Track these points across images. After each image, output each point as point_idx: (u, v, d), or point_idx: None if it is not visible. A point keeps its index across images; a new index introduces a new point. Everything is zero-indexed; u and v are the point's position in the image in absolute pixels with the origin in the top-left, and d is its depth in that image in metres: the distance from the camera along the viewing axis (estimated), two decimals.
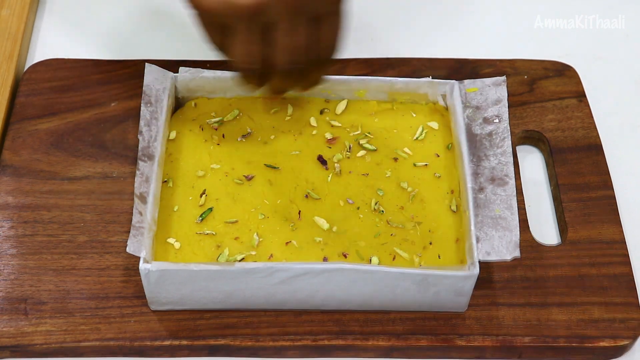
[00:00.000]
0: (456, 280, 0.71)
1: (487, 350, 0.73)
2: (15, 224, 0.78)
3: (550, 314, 0.74)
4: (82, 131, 0.83)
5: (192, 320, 0.73)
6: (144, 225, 0.71)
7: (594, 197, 0.81)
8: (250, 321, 0.73)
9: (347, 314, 0.74)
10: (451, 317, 0.74)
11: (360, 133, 0.81)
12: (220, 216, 0.75)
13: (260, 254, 0.73)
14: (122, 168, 0.81)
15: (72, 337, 0.72)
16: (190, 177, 0.77)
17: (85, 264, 0.76)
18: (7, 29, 0.90)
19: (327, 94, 0.82)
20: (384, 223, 0.75)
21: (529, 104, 0.87)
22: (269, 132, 0.81)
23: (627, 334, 0.73)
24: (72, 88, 0.86)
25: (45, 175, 0.80)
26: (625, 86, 0.93)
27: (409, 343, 0.73)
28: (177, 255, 0.73)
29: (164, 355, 0.73)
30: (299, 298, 0.72)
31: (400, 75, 0.88)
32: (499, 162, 0.76)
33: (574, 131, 0.86)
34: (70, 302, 0.74)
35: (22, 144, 0.82)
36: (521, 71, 0.90)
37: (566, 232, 0.79)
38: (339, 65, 0.89)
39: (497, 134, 0.78)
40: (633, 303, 0.75)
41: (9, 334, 0.72)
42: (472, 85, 0.81)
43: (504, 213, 0.74)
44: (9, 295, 0.74)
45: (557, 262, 0.77)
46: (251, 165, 0.78)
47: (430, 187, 0.78)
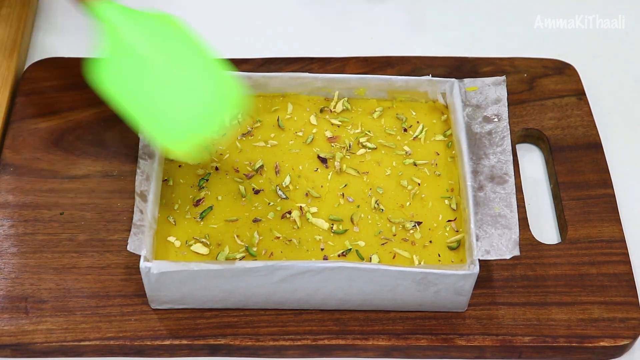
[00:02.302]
0: (456, 279, 0.71)
1: (487, 350, 0.73)
2: (16, 223, 0.78)
3: (550, 314, 0.74)
4: (82, 130, 0.83)
5: (192, 319, 0.73)
6: (145, 224, 0.71)
7: (593, 196, 0.81)
8: (250, 320, 0.73)
9: (347, 314, 0.74)
10: (451, 316, 0.74)
11: (360, 132, 0.81)
12: (220, 215, 0.75)
13: (260, 253, 0.73)
14: (123, 167, 0.81)
15: (73, 335, 0.72)
16: (190, 175, 0.77)
17: (85, 262, 0.76)
18: (7, 28, 0.90)
19: (327, 92, 0.82)
20: (384, 221, 0.75)
21: (529, 102, 0.87)
22: (269, 131, 0.81)
23: (627, 333, 0.73)
24: (72, 87, 0.86)
25: (46, 174, 0.81)
26: (625, 84, 0.93)
27: (409, 342, 0.73)
28: (178, 254, 0.73)
29: (164, 355, 0.73)
30: (299, 297, 0.72)
31: (400, 73, 0.88)
32: (498, 161, 0.77)
33: (574, 129, 0.86)
34: (71, 301, 0.74)
35: (23, 143, 0.82)
36: (521, 69, 0.90)
37: (566, 231, 0.79)
38: (339, 64, 0.89)
39: (496, 132, 0.78)
40: (633, 302, 0.75)
41: (9, 333, 0.72)
42: (472, 84, 0.81)
43: (503, 211, 0.74)
44: (10, 293, 0.74)
45: (557, 260, 0.77)
46: (251, 164, 0.78)
47: (430, 185, 0.78)
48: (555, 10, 0.98)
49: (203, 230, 0.74)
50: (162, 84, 0.70)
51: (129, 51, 0.70)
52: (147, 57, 0.70)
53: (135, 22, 0.72)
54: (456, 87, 0.80)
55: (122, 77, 0.70)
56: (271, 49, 0.92)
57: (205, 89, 0.71)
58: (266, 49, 0.92)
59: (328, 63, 0.90)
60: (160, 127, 0.70)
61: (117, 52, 0.71)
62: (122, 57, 0.71)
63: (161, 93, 0.70)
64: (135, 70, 0.70)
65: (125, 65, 0.70)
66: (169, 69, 0.71)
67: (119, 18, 0.71)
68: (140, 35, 0.71)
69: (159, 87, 0.70)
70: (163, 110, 0.70)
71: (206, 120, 0.70)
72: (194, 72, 0.72)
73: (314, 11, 0.98)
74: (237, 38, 0.95)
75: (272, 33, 0.96)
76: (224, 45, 0.95)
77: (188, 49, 0.72)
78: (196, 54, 0.72)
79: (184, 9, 0.98)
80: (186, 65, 0.72)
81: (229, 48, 0.93)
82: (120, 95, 0.70)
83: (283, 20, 0.97)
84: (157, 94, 0.70)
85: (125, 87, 0.70)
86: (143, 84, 0.70)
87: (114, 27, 0.71)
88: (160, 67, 0.70)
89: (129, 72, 0.70)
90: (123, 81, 0.70)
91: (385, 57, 0.90)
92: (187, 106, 0.70)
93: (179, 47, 0.72)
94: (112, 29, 0.71)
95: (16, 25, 0.90)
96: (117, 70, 0.70)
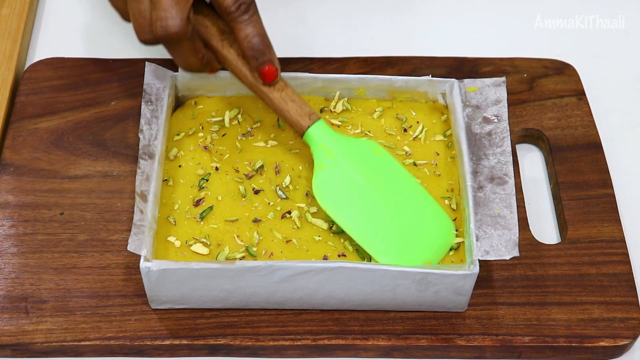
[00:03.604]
0: (456, 279, 0.71)
1: (487, 350, 0.73)
2: (16, 223, 0.78)
3: (550, 314, 0.74)
4: (82, 130, 0.83)
5: (192, 319, 0.73)
6: (145, 224, 0.71)
7: (593, 196, 0.81)
8: (250, 320, 0.73)
9: (347, 313, 0.74)
10: (451, 316, 0.74)
11: (360, 132, 0.81)
12: (220, 214, 0.75)
13: (260, 253, 0.73)
14: (123, 167, 0.81)
15: (73, 335, 0.72)
16: (190, 175, 0.77)
17: (85, 262, 0.76)
18: (7, 28, 0.90)
19: (327, 93, 0.82)
20: None
21: (529, 103, 0.87)
22: (269, 131, 0.81)
23: (627, 333, 0.73)
24: (72, 87, 0.86)
25: (46, 174, 0.81)
26: (625, 84, 0.93)
27: (409, 342, 0.73)
28: (178, 254, 0.73)
29: (164, 355, 0.73)
30: (299, 297, 0.72)
31: (400, 73, 0.88)
32: (498, 162, 0.76)
33: (574, 129, 0.86)
34: (71, 301, 0.74)
35: (23, 143, 0.82)
36: (521, 69, 0.90)
37: (566, 231, 0.79)
38: (339, 64, 0.89)
39: (496, 133, 0.78)
40: (633, 302, 0.75)
41: (9, 333, 0.72)
42: (472, 85, 0.81)
43: (503, 212, 0.74)
44: (10, 293, 0.74)
45: (557, 260, 0.77)
46: (251, 164, 0.78)
47: (430, 185, 0.78)
48: (555, 10, 0.98)
49: (203, 230, 0.74)
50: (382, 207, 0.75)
51: (344, 172, 0.75)
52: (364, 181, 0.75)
53: (347, 145, 0.76)
54: (456, 88, 0.80)
55: (340, 196, 0.75)
56: None
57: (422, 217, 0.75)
58: None
59: (328, 63, 0.90)
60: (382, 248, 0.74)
61: (334, 172, 0.75)
62: (338, 177, 0.75)
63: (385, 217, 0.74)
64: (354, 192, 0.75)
65: (342, 185, 0.75)
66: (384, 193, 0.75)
67: (334, 142, 0.76)
68: (353, 157, 0.76)
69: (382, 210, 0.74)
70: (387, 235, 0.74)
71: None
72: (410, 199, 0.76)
73: (314, 11, 0.98)
74: None
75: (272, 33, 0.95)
76: None
77: (397, 174, 0.77)
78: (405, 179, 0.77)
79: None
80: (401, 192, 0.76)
81: None
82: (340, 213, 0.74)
83: (283, 20, 0.96)
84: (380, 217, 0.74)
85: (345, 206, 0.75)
86: (364, 205, 0.74)
87: (330, 150, 0.76)
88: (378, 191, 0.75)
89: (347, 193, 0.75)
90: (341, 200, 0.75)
91: (385, 57, 0.90)
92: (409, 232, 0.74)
93: (388, 172, 0.77)
94: (328, 151, 0.76)
95: (16, 25, 0.90)
96: (336, 187, 0.75)
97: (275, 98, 0.76)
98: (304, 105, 0.76)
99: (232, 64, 0.77)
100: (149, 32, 0.74)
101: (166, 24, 0.72)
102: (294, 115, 0.76)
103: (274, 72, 0.76)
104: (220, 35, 0.77)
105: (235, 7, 0.74)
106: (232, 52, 0.76)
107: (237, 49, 0.76)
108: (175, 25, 0.72)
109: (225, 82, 0.81)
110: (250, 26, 0.74)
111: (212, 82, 0.81)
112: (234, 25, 0.74)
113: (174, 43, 0.74)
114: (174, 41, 0.74)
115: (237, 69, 0.77)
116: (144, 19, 0.74)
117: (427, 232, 0.74)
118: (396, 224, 0.74)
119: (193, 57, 0.76)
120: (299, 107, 0.76)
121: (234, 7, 0.74)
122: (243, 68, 0.76)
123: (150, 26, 0.74)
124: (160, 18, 0.72)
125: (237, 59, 0.76)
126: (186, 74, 0.80)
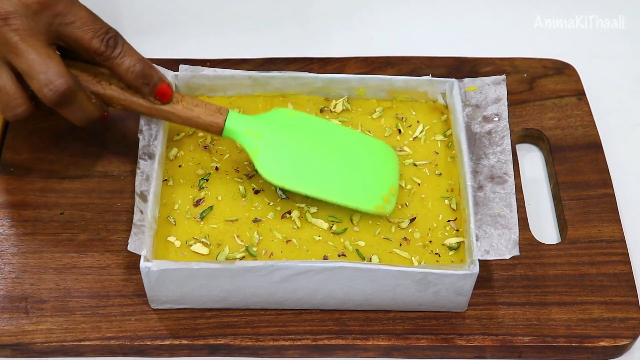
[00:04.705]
0: (456, 279, 0.71)
1: (487, 350, 0.73)
2: (16, 223, 0.78)
3: (550, 313, 0.74)
4: (82, 130, 0.83)
5: (192, 319, 0.73)
6: (145, 224, 0.71)
7: (593, 196, 0.81)
8: (250, 320, 0.73)
9: (347, 313, 0.74)
10: (451, 316, 0.74)
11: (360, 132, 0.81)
12: (220, 214, 0.75)
13: (260, 253, 0.73)
14: (123, 167, 0.81)
15: (73, 335, 0.72)
16: (190, 175, 0.77)
17: (85, 262, 0.76)
18: None
19: (327, 92, 0.82)
20: (384, 221, 0.75)
21: (529, 102, 0.87)
22: None
23: (627, 333, 0.73)
24: None
25: (46, 174, 0.81)
26: (625, 84, 0.93)
27: (409, 342, 0.73)
28: (178, 254, 0.73)
29: (164, 355, 0.73)
30: (299, 297, 0.73)
31: (399, 73, 0.88)
32: (498, 161, 0.76)
33: (574, 129, 0.86)
34: (71, 301, 0.74)
35: (23, 143, 0.82)
36: (521, 69, 0.90)
37: (566, 231, 0.79)
38: (339, 64, 0.89)
39: (496, 132, 0.78)
40: (633, 302, 0.75)
41: (9, 333, 0.72)
42: (472, 84, 0.81)
43: (503, 211, 0.74)
44: (10, 293, 0.74)
45: (557, 260, 0.77)
46: (251, 164, 0.78)
47: (430, 185, 0.78)
48: (555, 10, 0.98)
49: (203, 230, 0.74)
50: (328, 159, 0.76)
51: (281, 144, 0.76)
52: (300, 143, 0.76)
53: (265, 121, 0.77)
54: (456, 87, 0.80)
55: (286, 166, 0.75)
56: (271, 49, 0.93)
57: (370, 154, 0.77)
58: (266, 49, 0.92)
59: (328, 63, 0.90)
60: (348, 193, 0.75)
61: (270, 148, 0.75)
62: (277, 151, 0.76)
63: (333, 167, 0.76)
64: (298, 157, 0.76)
65: (285, 155, 0.76)
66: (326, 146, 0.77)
67: (253, 124, 0.76)
68: (276, 129, 0.76)
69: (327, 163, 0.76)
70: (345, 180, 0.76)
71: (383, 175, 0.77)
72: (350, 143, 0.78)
73: (314, 11, 0.98)
74: (237, 38, 0.95)
75: (272, 33, 0.96)
76: (224, 45, 0.95)
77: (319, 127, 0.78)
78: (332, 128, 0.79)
79: (185, 9, 0.98)
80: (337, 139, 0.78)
81: (229, 48, 0.94)
82: (290, 181, 0.75)
83: (283, 20, 0.96)
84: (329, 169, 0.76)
85: (294, 173, 0.75)
86: (310, 165, 0.76)
87: (254, 132, 0.76)
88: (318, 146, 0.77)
89: (292, 160, 0.76)
90: (289, 169, 0.75)
91: (385, 57, 0.90)
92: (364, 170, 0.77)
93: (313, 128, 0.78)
94: (254, 134, 0.76)
95: None
96: (279, 162, 0.75)
97: (179, 110, 0.75)
98: (208, 104, 0.75)
99: (121, 99, 0.75)
100: (19, 104, 0.71)
101: (54, 85, 0.70)
102: (206, 118, 0.75)
103: (168, 88, 0.74)
104: (95, 78, 0.74)
105: (104, 46, 0.71)
106: (115, 89, 0.74)
107: (117, 84, 0.74)
108: (63, 82, 0.70)
109: (225, 82, 0.81)
110: (127, 57, 0.72)
111: (212, 82, 0.81)
112: (110, 63, 0.72)
113: (70, 100, 0.71)
114: (69, 98, 0.71)
115: (128, 102, 0.75)
116: (7, 94, 0.71)
117: (376, 161, 0.77)
118: (347, 165, 0.76)
119: (90, 105, 0.73)
120: (206, 109, 0.75)
121: (103, 46, 0.71)
122: (134, 98, 0.74)
123: (18, 99, 0.71)
124: (45, 83, 0.69)
125: (123, 92, 0.74)
126: (186, 73, 0.80)
